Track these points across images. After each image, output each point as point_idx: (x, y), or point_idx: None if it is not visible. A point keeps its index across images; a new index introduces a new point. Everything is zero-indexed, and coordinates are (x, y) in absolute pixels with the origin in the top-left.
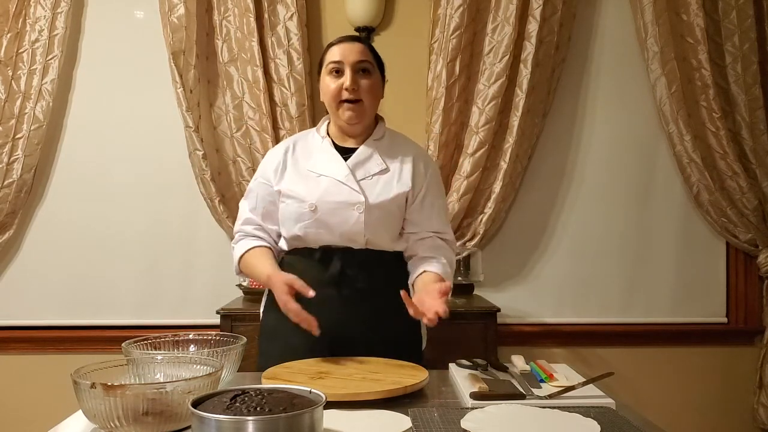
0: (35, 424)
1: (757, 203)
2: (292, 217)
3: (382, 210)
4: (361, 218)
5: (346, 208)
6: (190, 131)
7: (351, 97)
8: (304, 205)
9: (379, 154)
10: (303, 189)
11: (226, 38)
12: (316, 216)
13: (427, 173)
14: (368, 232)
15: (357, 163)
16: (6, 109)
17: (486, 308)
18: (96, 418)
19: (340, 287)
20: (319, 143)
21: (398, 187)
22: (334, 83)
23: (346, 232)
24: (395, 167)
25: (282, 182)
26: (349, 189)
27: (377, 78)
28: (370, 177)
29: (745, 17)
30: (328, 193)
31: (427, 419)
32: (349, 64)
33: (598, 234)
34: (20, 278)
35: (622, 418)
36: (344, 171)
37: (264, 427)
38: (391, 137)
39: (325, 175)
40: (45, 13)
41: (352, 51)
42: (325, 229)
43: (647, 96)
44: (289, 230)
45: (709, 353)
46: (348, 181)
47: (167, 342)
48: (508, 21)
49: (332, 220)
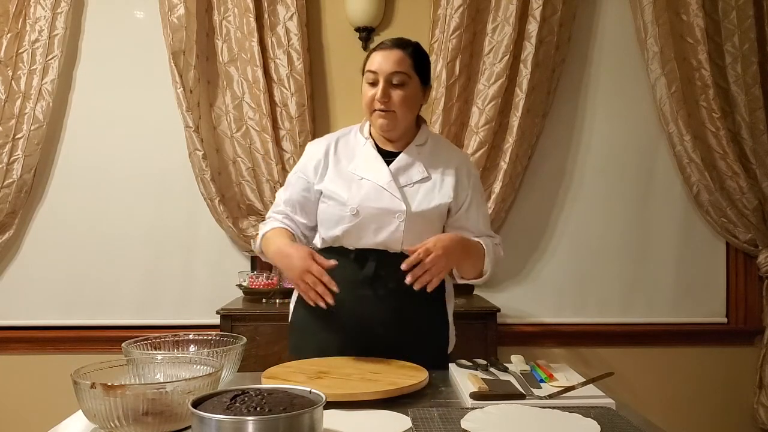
0: (35, 424)
1: (757, 203)
2: (333, 219)
3: (423, 219)
4: (401, 227)
5: (386, 215)
6: (190, 131)
7: (382, 108)
8: (346, 209)
9: (421, 161)
10: (345, 191)
11: (226, 38)
12: (356, 220)
13: (470, 182)
14: (407, 240)
15: (399, 168)
16: (6, 109)
17: (486, 308)
18: (96, 418)
19: (372, 288)
20: (362, 144)
21: (439, 197)
22: (369, 92)
23: (385, 238)
24: (437, 176)
25: (323, 182)
26: (391, 196)
27: (413, 88)
28: (412, 185)
29: (745, 17)
30: (369, 198)
31: (427, 419)
32: (383, 75)
33: (598, 234)
34: (20, 278)
35: (622, 418)
36: (387, 177)
37: (264, 427)
38: (433, 143)
39: (367, 179)
40: (45, 13)
41: (388, 60)
42: (364, 233)
43: (647, 96)
44: (328, 231)
45: (709, 353)
46: (390, 187)
47: (167, 342)
48: (508, 21)
49: (372, 226)
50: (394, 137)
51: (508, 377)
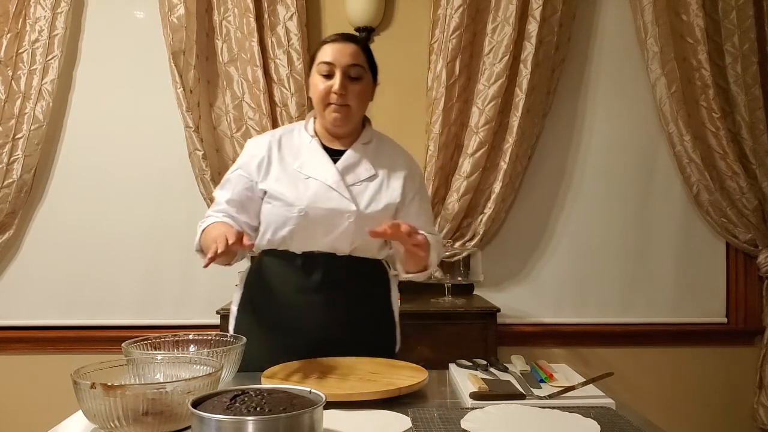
0: (35, 424)
1: (757, 203)
2: (279, 220)
3: (372, 220)
4: (351, 227)
5: (336, 216)
6: (190, 131)
7: (339, 101)
8: (293, 209)
9: (367, 159)
10: (291, 192)
11: (226, 38)
12: (304, 221)
13: (416, 182)
14: (355, 240)
15: (346, 167)
16: (6, 109)
17: (486, 308)
18: (96, 418)
19: (321, 293)
20: (307, 142)
21: (387, 197)
22: (323, 84)
23: (333, 239)
24: (383, 174)
25: (267, 181)
26: (340, 196)
27: (368, 82)
28: (359, 183)
29: (745, 17)
30: (318, 198)
31: (427, 419)
32: (340, 67)
33: (598, 234)
34: (20, 278)
35: (622, 418)
36: (334, 175)
37: (264, 427)
38: (378, 141)
39: (314, 178)
40: (45, 13)
41: (345, 53)
42: (312, 234)
43: (647, 96)
44: (273, 233)
45: (709, 353)
46: (339, 187)
47: (167, 342)
48: (508, 21)
49: (320, 227)
50: (345, 133)
51: (508, 377)
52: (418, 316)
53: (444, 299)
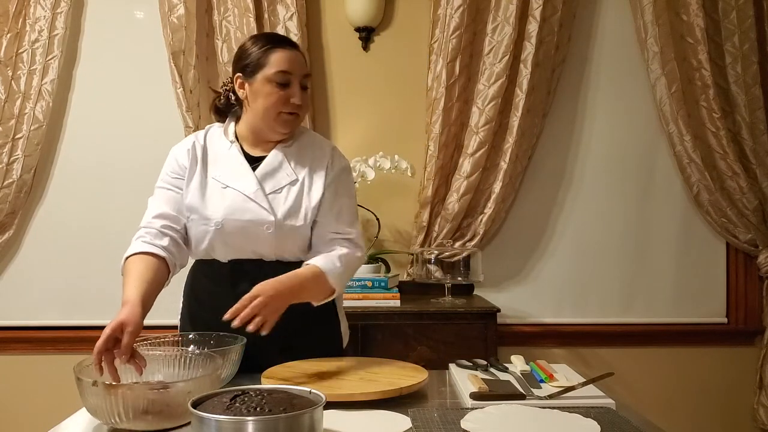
0: (35, 424)
1: (757, 203)
2: (197, 235)
3: (292, 228)
4: (271, 237)
5: (254, 227)
6: (190, 131)
7: (295, 111)
8: (210, 223)
9: (289, 162)
10: (207, 205)
11: (226, 38)
12: (221, 235)
13: (332, 173)
14: (278, 248)
15: (266, 173)
16: (6, 109)
17: (486, 308)
18: (98, 414)
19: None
20: (227, 148)
21: (308, 200)
22: (278, 93)
23: (255, 249)
24: (304, 175)
25: (186, 193)
26: (258, 206)
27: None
28: (280, 190)
29: (745, 17)
30: (234, 210)
31: (427, 419)
32: (298, 77)
33: (598, 234)
34: (20, 278)
35: (622, 418)
36: (253, 185)
37: (264, 427)
38: (299, 140)
39: (232, 188)
40: (45, 13)
41: (300, 62)
42: (232, 245)
43: (647, 96)
44: (196, 245)
45: (709, 353)
46: (257, 197)
47: (167, 342)
48: (508, 21)
49: (239, 238)
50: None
51: (508, 377)
52: (418, 316)
53: (444, 299)
